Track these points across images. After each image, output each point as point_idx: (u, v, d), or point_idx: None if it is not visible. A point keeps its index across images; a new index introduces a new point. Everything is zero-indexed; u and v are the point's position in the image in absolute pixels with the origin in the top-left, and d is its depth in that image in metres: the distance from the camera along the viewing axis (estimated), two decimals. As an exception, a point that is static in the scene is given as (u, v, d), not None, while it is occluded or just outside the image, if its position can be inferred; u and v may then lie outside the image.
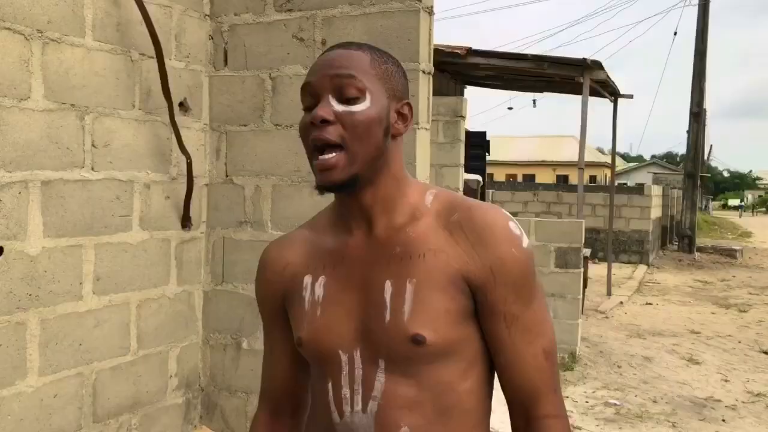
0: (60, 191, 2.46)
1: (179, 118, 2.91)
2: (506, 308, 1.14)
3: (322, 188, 1.14)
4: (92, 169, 2.58)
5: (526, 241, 1.17)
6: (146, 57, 2.76)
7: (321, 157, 1.12)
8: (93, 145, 2.58)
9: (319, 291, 1.20)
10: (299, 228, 1.32)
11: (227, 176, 3.10)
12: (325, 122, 1.11)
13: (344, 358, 1.16)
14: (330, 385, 1.18)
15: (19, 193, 2.32)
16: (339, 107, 1.12)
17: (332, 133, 1.11)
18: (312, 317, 1.19)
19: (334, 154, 1.11)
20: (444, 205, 1.19)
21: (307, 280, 1.22)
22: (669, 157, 79.56)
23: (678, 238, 19.59)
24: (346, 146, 1.10)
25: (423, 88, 2.75)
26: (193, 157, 2.96)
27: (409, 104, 1.20)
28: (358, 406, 1.14)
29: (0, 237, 2.27)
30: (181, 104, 2.97)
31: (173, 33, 2.92)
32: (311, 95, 1.15)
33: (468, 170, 8.04)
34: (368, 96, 1.13)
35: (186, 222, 3.01)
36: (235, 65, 3.05)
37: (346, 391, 1.16)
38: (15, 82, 2.29)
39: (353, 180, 1.12)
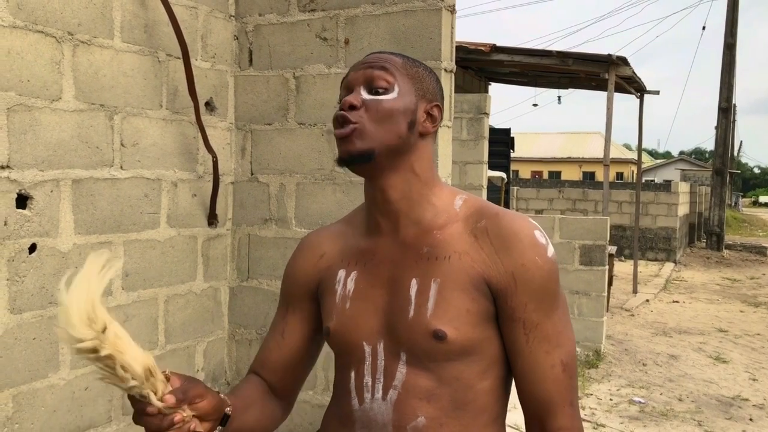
0: (90, 189, 2.53)
1: (205, 117, 2.97)
2: (526, 315, 1.17)
3: (341, 160, 1.20)
4: (121, 167, 2.64)
5: (551, 251, 1.19)
6: (173, 57, 2.82)
7: (339, 129, 1.19)
8: (122, 144, 2.64)
9: (350, 285, 1.25)
10: (337, 222, 1.38)
11: (252, 174, 3.15)
12: (352, 108, 1.18)
13: (368, 349, 1.21)
14: (353, 374, 1.22)
15: (51, 191, 2.39)
16: (367, 96, 1.19)
17: (353, 115, 1.18)
18: (342, 309, 1.24)
19: (349, 126, 1.17)
20: (472, 211, 1.23)
21: (341, 273, 1.27)
22: (697, 154, 78.44)
23: (706, 235, 19.34)
24: (362, 125, 1.17)
25: (445, 86, 2.77)
26: (219, 156, 3.01)
27: (439, 107, 1.25)
28: (379, 394, 1.19)
29: (33, 234, 2.33)
30: (207, 104, 3.02)
31: (199, 34, 2.97)
32: (347, 89, 1.23)
33: (492, 167, 8.03)
34: (396, 89, 1.19)
35: (212, 219, 3.06)
36: (259, 65, 3.09)
37: (367, 380, 1.20)
38: (47, 84, 2.35)
39: (369, 154, 1.17)
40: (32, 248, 2.33)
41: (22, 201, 2.30)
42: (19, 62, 2.26)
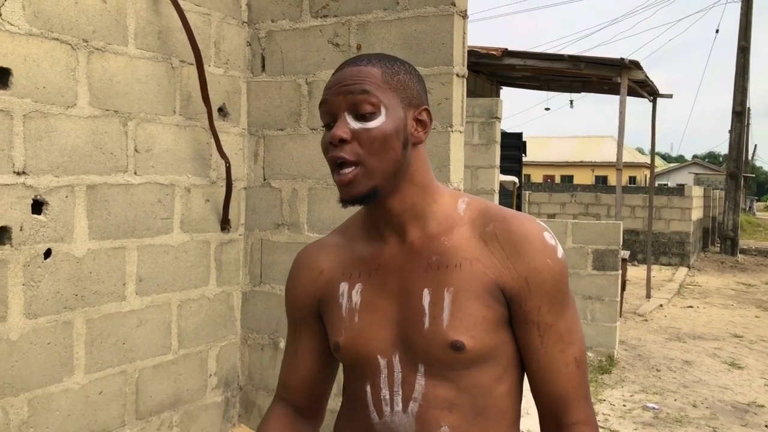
0: (104, 195, 2.55)
1: (218, 123, 2.99)
2: (540, 317, 1.17)
3: (345, 202, 1.17)
4: (135, 173, 2.66)
5: (560, 252, 1.19)
6: (186, 64, 2.84)
7: (339, 172, 1.15)
8: (136, 150, 2.66)
9: (356, 298, 1.23)
10: (331, 234, 1.35)
11: (265, 179, 3.16)
12: (342, 141, 1.14)
13: (383, 362, 1.20)
14: (368, 387, 1.21)
15: (66, 197, 2.41)
16: (355, 125, 1.14)
17: (348, 152, 1.14)
18: (350, 323, 1.22)
19: (350, 169, 1.14)
20: (478, 214, 1.21)
21: (344, 287, 1.25)
22: (711, 157, 77.91)
23: (720, 239, 19.19)
24: (362, 162, 1.13)
25: (457, 91, 2.77)
26: (232, 161, 3.03)
27: (427, 110, 1.21)
28: (399, 407, 1.18)
29: (48, 239, 2.36)
30: (220, 109, 3.04)
31: (212, 40, 2.99)
32: (329, 113, 1.18)
33: (504, 172, 8.01)
34: (383, 110, 1.15)
35: (225, 224, 3.08)
36: (272, 71, 3.11)
37: (385, 393, 1.19)
38: (62, 90, 2.38)
39: (373, 192, 1.15)
40: (47, 253, 2.36)
41: (37, 206, 2.33)
42: (35, 69, 2.28)
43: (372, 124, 1.14)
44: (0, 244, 2.22)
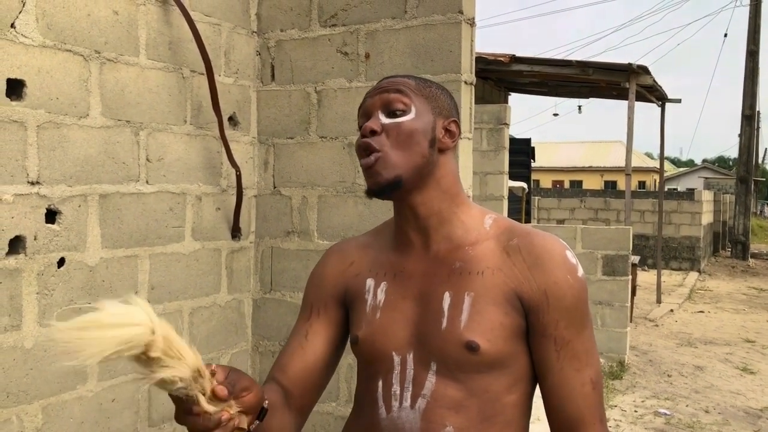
0: (117, 204, 2.57)
1: (229, 132, 3.01)
2: (557, 332, 1.19)
3: (370, 192, 1.22)
4: (147, 182, 2.69)
5: (581, 272, 1.23)
6: (197, 74, 2.87)
7: (363, 157, 1.21)
8: (147, 160, 2.69)
9: (380, 296, 1.27)
10: (365, 234, 1.41)
11: (275, 187, 3.18)
12: (373, 133, 1.21)
13: (397, 359, 1.23)
14: (380, 383, 1.23)
15: (79, 206, 2.44)
16: (386, 120, 1.22)
17: (376, 141, 1.20)
18: (371, 319, 1.26)
19: (372, 155, 1.20)
20: (503, 230, 1.26)
21: (370, 282, 1.30)
22: (721, 161, 77.50)
23: (731, 244, 19.09)
24: (384, 151, 1.19)
25: (465, 99, 2.79)
26: (243, 170, 3.05)
27: (456, 122, 1.27)
28: (407, 402, 1.20)
29: (61, 248, 2.38)
30: (230, 118, 3.06)
31: (222, 50, 3.02)
32: (365, 115, 1.26)
33: (512, 177, 8.01)
34: (413, 109, 1.22)
35: (236, 232, 3.10)
36: (281, 80, 3.14)
37: (396, 388, 1.21)
38: (75, 101, 2.41)
39: (397, 182, 1.19)
40: (61, 262, 2.38)
41: (51, 216, 2.35)
42: (48, 80, 2.31)
43: (401, 120, 1.22)
44: (14, 253, 2.25)
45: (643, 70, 8.69)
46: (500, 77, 10.28)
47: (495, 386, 1.19)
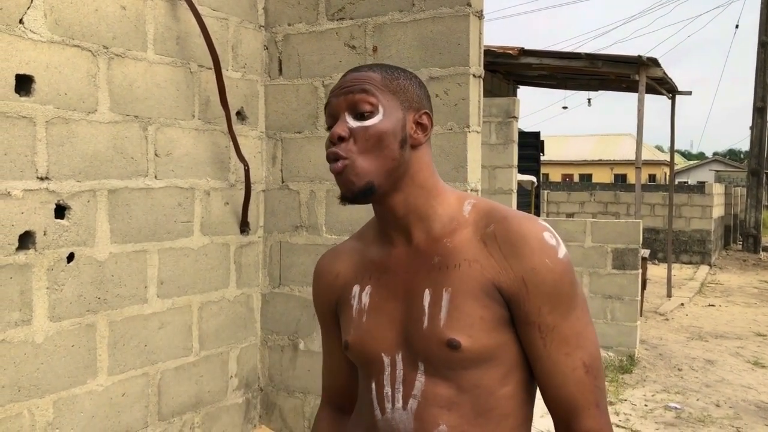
0: (125, 199, 2.58)
1: (237, 126, 3.01)
2: (541, 319, 1.16)
3: (343, 198, 1.20)
4: (155, 177, 2.69)
5: (562, 252, 1.18)
6: (204, 68, 2.87)
7: (332, 165, 1.18)
8: (156, 155, 2.69)
9: (365, 299, 1.27)
10: (349, 239, 1.40)
11: (283, 182, 3.18)
12: (341, 139, 1.18)
13: (387, 360, 1.22)
14: (373, 384, 1.24)
15: (88, 201, 2.45)
16: (354, 123, 1.18)
17: (343, 149, 1.17)
18: (358, 323, 1.26)
19: (340, 162, 1.17)
20: (481, 216, 1.22)
21: (356, 289, 1.29)
22: (732, 154, 77.02)
23: (742, 237, 18.98)
24: (350, 158, 1.17)
25: (473, 92, 2.78)
26: (251, 164, 3.05)
27: (427, 113, 1.24)
28: (399, 404, 1.20)
29: (71, 243, 2.39)
30: (238, 113, 3.06)
31: (230, 44, 3.01)
32: (331, 116, 1.22)
33: (521, 171, 7.98)
34: (381, 110, 1.18)
35: (244, 227, 3.10)
36: (289, 74, 3.13)
37: (387, 390, 1.21)
38: (83, 96, 2.41)
39: (369, 189, 1.18)
40: (70, 257, 2.39)
41: (60, 211, 2.36)
42: (57, 76, 2.32)
43: (369, 123, 1.18)
44: (24, 248, 2.26)
45: (653, 63, 8.62)
46: (509, 70, 10.23)
47: (486, 380, 1.17)
